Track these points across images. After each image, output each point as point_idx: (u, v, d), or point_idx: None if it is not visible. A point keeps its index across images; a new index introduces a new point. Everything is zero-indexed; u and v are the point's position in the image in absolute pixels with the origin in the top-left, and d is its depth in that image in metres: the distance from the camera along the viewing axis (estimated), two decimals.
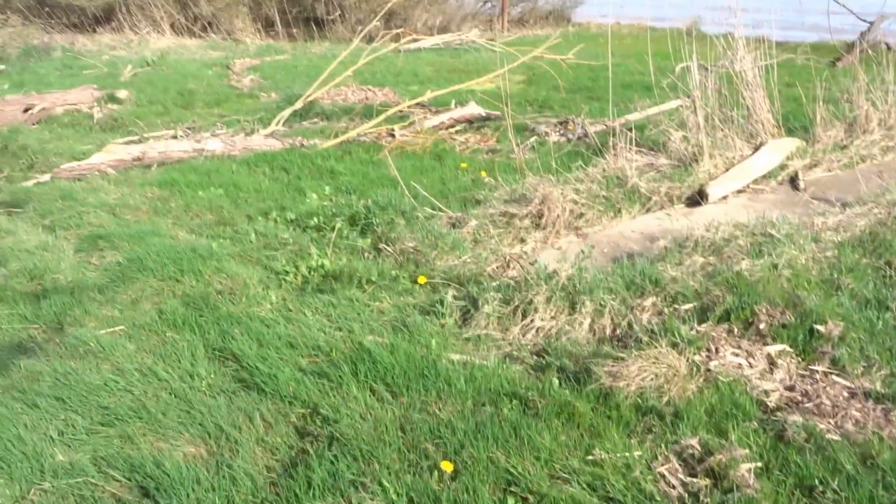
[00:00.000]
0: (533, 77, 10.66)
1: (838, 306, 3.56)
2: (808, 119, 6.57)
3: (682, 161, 5.70)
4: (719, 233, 4.32)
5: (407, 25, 16.40)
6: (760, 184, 5.59)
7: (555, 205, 4.71)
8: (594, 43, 15.40)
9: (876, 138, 6.25)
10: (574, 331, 3.47)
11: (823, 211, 4.85)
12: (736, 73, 6.25)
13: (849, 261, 4.05)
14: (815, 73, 8.24)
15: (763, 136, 5.98)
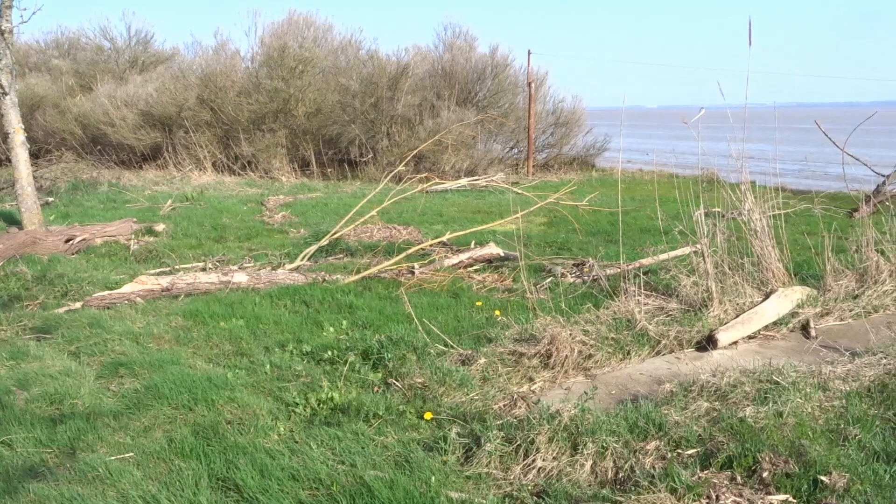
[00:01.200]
0: (554, 220, 11.01)
1: (844, 457, 3.53)
2: (820, 268, 6.69)
3: (693, 306, 5.80)
4: (725, 378, 4.35)
5: (436, 168, 17.20)
6: (771, 331, 5.64)
7: (563, 345, 4.80)
8: (615, 188, 15.92)
9: (888, 289, 6.32)
10: (575, 472, 3.47)
11: (833, 360, 4.86)
12: (744, 222, 6.45)
13: (856, 411, 4.04)
14: (829, 223, 8.46)
15: (773, 284, 6.09)
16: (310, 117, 18.40)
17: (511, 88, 20.49)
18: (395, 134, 17.99)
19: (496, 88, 20.24)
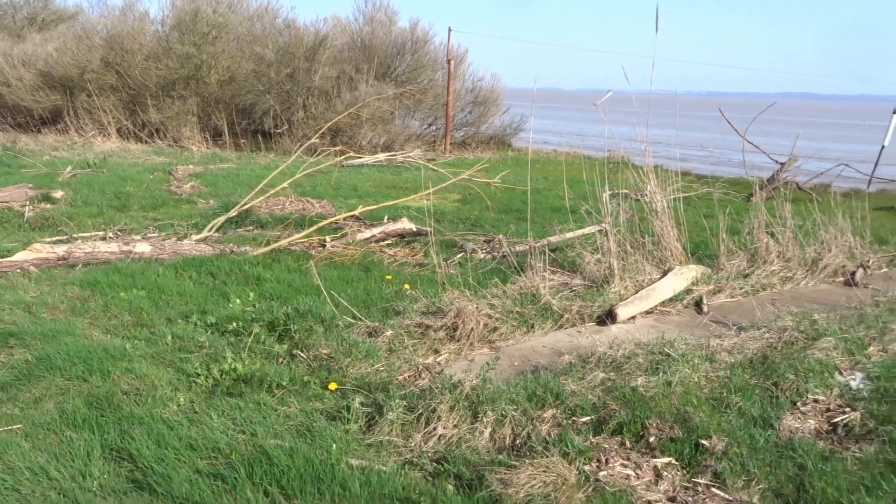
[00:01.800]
0: (469, 197, 11.12)
1: (725, 423, 3.76)
2: (715, 249, 7.03)
3: (596, 282, 6.00)
4: (621, 350, 4.55)
5: (353, 142, 17.03)
6: (668, 306, 5.91)
7: (469, 318, 4.90)
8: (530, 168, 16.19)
9: (775, 269, 6.71)
10: (474, 439, 3.57)
11: (721, 334, 5.15)
12: (647, 203, 6.71)
13: (739, 381, 4.29)
14: (727, 206, 8.88)
15: (671, 263, 6.37)
16: (223, 85, 17.86)
17: (430, 65, 20.45)
18: (312, 106, 17.69)
19: (416, 64, 20.16)
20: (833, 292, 6.54)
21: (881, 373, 4.54)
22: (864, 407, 4.12)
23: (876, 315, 5.56)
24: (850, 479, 3.32)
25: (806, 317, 5.39)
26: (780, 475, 3.35)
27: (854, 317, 5.53)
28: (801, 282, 6.73)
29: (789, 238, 7.06)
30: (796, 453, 3.53)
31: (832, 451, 3.64)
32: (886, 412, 4.04)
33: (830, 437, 3.85)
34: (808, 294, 6.47)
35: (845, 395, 4.27)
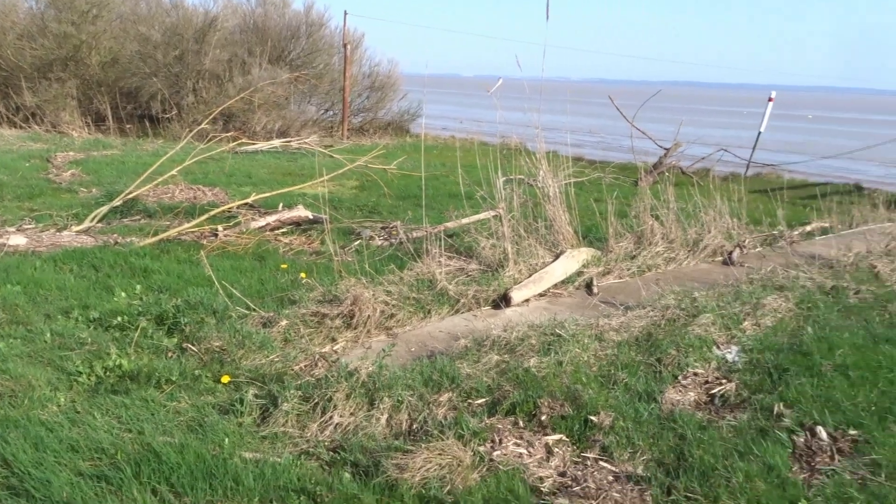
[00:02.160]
0: (366, 183, 11.05)
1: (612, 399, 3.93)
2: (604, 232, 7.29)
3: (491, 267, 6.12)
4: (515, 333, 4.66)
5: (246, 128, 16.58)
6: (560, 288, 6.09)
7: (366, 305, 4.89)
8: (428, 154, 16.26)
9: (660, 250, 7.04)
10: (371, 426, 3.58)
11: (609, 314, 5.36)
12: (539, 188, 6.88)
13: (625, 358, 4.49)
14: (616, 191, 9.22)
15: (563, 246, 6.57)
16: (105, 67, 16.97)
17: (326, 49, 20.13)
18: (203, 90, 17.07)
19: (311, 48, 19.79)
20: (712, 271, 6.92)
21: (754, 346, 4.86)
22: (739, 378, 4.40)
23: (750, 292, 5.93)
24: (726, 445, 3.55)
25: (687, 295, 5.68)
26: (662, 446, 3.54)
27: (731, 294, 5.88)
28: (684, 262, 7.09)
29: (673, 220, 7.41)
30: (677, 424, 3.73)
31: (710, 420, 3.87)
32: (758, 382, 4.33)
33: (708, 408, 4.09)
34: (690, 273, 6.82)
35: (722, 368, 4.55)
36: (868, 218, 9.43)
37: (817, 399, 4.06)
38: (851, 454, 3.57)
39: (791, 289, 6.08)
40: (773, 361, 4.58)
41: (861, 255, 7.29)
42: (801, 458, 3.52)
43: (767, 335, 5.07)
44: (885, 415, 3.91)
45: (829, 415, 3.88)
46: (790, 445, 3.59)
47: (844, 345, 4.82)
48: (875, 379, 4.34)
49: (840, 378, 4.34)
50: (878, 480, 3.31)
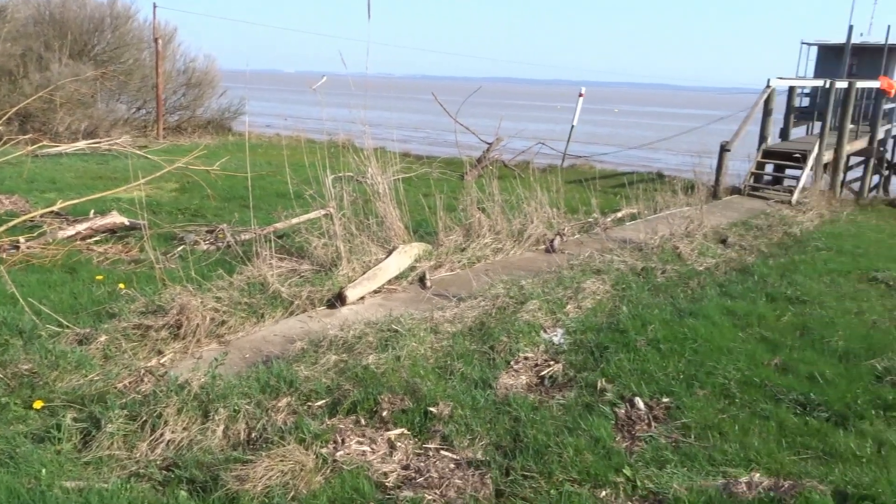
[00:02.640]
0: (187, 185, 10.53)
1: (450, 388, 4.04)
2: (434, 226, 7.45)
3: (324, 266, 6.06)
4: (352, 331, 4.66)
5: (47, 129, 15.23)
6: (394, 284, 6.15)
7: (194, 314, 4.67)
8: (253, 153, 15.78)
9: (488, 241, 7.31)
10: (207, 439, 3.44)
11: (443, 306, 5.49)
12: (369, 185, 6.90)
13: (460, 348, 4.63)
14: (444, 185, 9.44)
15: (395, 242, 6.64)
16: None
17: (136, 43, 18.91)
18: None
19: (117, 42, 18.50)
20: (537, 259, 7.29)
21: (577, 327, 5.18)
22: (566, 359, 4.68)
23: (571, 277, 6.32)
24: (556, 423, 3.76)
25: (515, 283, 5.94)
26: (499, 429, 3.69)
27: (554, 280, 6.23)
28: (511, 251, 7.41)
29: (498, 212, 7.71)
30: (512, 408, 3.90)
31: (541, 401, 4.09)
32: (582, 361, 4.64)
33: (539, 389, 4.32)
34: (517, 262, 7.14)
35: (550, 350, 4.81)
36: (670, 203, 10.33)
37: (634, 372, 4.41)
38: (665, 420, 3.92)
39: (607, 272, 6.54)
40: (595, 341, 4.92)
41: (665, 238, 7.98)
42: (623, 428, 3.81)
43: (588, 316, 5.43)
44: (691, 382, 4.33)
45: (644, 386, 4.23)
46: (613, 417, 3.88)
47: (655, 321, 5.27)
48: (682, 350, 4.78)
49: (653, 351, 4.74)
50: (688, 441, 3.66)
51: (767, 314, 5.67)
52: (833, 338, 5.16)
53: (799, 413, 4.02)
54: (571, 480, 3.23)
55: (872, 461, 3.51)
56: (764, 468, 3.41)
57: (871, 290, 6.70)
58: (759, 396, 4.19)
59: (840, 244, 8.69)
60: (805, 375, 4.49)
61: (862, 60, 20.31)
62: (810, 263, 7.50)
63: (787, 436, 3.75)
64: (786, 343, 5.09)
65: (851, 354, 4.88)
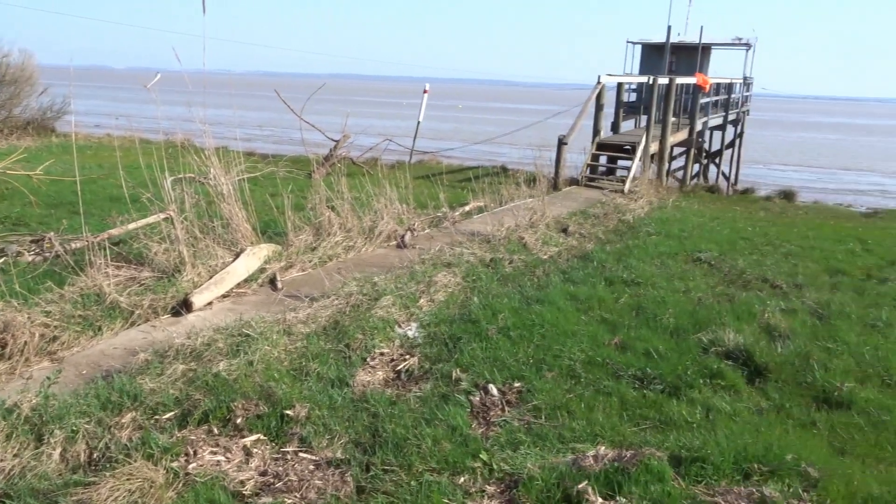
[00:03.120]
0: (6, 192, 9.66)
1: (306, 390, 3.99)
2: (283, 226, 7.29)
3: (167, 273, 5.77)
4: (200, 338, 4.48)
5: None
6: (244, 287, 5.97)
7: (21, 331, 4.31)
8: (81, 155, 14.75)
9: (339, 239, 7.26)
10: (42, 465, 3.19)
11: (295, 307, 5.40)
12: (212, 186, 6.64)
13: (315, 348, 4.58)
14: (291, 184, 9.26)
15: (243, 244, 6.44)
16: None
17: None
18: None
19: None
20: (389, 255, 7.33)
21: (431, 320, 5.27)
22: (421, 352, 4.75)
23: (423, 271, 6.41)
24: (414, 415, 3.81)
25: (368, 280, 5.95)
26: (357, 426, 3.69)
27: (406, 275, 6.29)
28: (362, 249, 7.40)
29: (348, 210, 7.68)
30: (370, 404, 3.92)
31: (398, 395, 4.13)
32: (437, 353, 4.73)
33: (396, 384, 4.36)
34: (369, 259, 7.14)
35: (405, 345, 4.87)
36: (514, 195, 10.73)
37: (487, 360, 4.55)
38: (518, 404, 4.08)
39: (458, 265, 6.70)
40: (448, 332, 5.03)
41: (511, 229, 8.28)
42: (479, 415, 3.93)
43: (441, 309, 5.54)
44: (540, 365, 4.53)
45: (497, 373, 4.38)
46: (468, 405, 3.98)
47: (504, 309, 5.46)
48: (531, 336, 4.99)
49: (504, 339, 4.91)
50: (540, 422, 3.84)
51: (606, 297, 6.03)
52: (665, 315, 5.58)
53: (637, 387, 4.32)
54: (431, 470, 3.29)
55: (702, 426, 3.84)
56: (608, 441, 3.63)
57: (695, 269, 7.31)
58: (601, 375, 4.45)
59: (668, 229, 9.40)
60: (642, 352, 4.83)
61: (680, 58, 22.07)
62: (643, 248, 8.06)
63: (627, 409, 4.03)
64: (624, 323, 5.44)
65: (681, 330, 5.30)
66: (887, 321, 5.79)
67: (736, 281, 6.97)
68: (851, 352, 5.02)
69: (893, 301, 6.44)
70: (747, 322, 5.53)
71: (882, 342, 5.26)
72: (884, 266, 8.04)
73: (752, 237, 9.36)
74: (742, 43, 22.28)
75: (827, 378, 4.51)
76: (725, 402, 4.14)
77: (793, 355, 4.86)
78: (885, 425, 3.99)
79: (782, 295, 6.50)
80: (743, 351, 4.81)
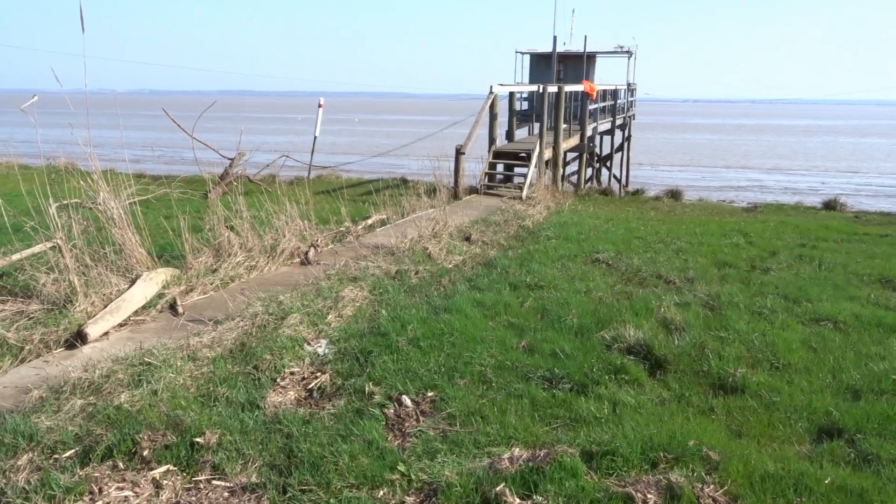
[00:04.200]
0: None
1: (215, 415, 3.88)
2: (181, 249, 7.06)
3: (57, 304, 5.48)
4: (98, 371, 4.28)
5: None
6: (142, 315, 5.74)
7: None
8: None
9: (240, 259, 7.09)
10: None
11: (199, 331, 5.24)
12: (101, 211, 6.36)
13: (223, 372, 4.46)
14: (187, 205, 8.98)
15: (138, 270, 6.19)
16: None
17: None
18: None
19: None
20: (293, 273, 7.22)
21: (340, 336, 5.24)
22: (332, 368, 4.71)
23: (329, 287, 6.36)
24: (329, 433, 3.78)
25: (273, 300, 5.85)
26: (271, 449, 3.63)
27: (313, 292, 6.22)
28: (265, 268, 7.26)
29: (248, 229, 7.52)
30: (282, 424, 3.86)
31: (312, 413, 4.08)
32: (349, 368, 4.70)
33: (309, 402, 4.31)
34: (273, 278, 7.02)
35: (316, 362, 4.81)
36: (416, 206, 10.79)
37: (399, 372, 4.57)
38: (432, 413, 4.11)
39: (364, 278, 6.68)
40: (359, 347, 5.01)
41: (415, 240, 8.33)
42: (394, 427, 3.93)
43: (350, 324, 5.52)
44: (452, 373, 4.59)
45: (410, 384, 4.40)
46: (383, 418, 3.99)
47: (413, 320, 5.49)
48: (441, 344, 5.04)
49: (414, 350, 4.94)
50: (455, 429, 3.88)
51: (512, 302, 6.17)
52: (568, 316, 5.76)
53: (547, 388, 4.44)
54: (349, 486, 3.28)
55: (610, 420, 3.99)
56: (522, 442, 3.72)
57: (595, 270, 7.58)
58: (512, 378, 4.55)
59: (566, 232, 9.70)
60: (549, 353, 4.97)
61: (568, 67, 22.86)
62: (543, 252, 8.29)
63: (538, 410, 4.13)
64: (530, 326, 5.58)
65: (584, 329, 5.49)
66: (772, 308, 6.20)
67: (633, 279, 7.27)
68: (742, 339, 5.34)
69: (776, 289, 6.89)
70: (645, 317, 5.78)
71: (768, 328, 5.62)
72: (766, 257, 8.59)
73: (645, 236, 9.79)
74: (623, 51, 23.30)
75: (721, 366, 4.78)
76: (630, 395, 4.32)
77: (689, 346, 5.12)
78: (776, 406, 4.27)
79: (676, 289, 6.84)
80: (643, 345, 5.02)
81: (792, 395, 4.39)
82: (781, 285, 7.04)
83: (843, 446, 3.79)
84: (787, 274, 7.61)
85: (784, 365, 4.91)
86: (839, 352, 5.18)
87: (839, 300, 6.53)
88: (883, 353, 5.17)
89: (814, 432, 4.00)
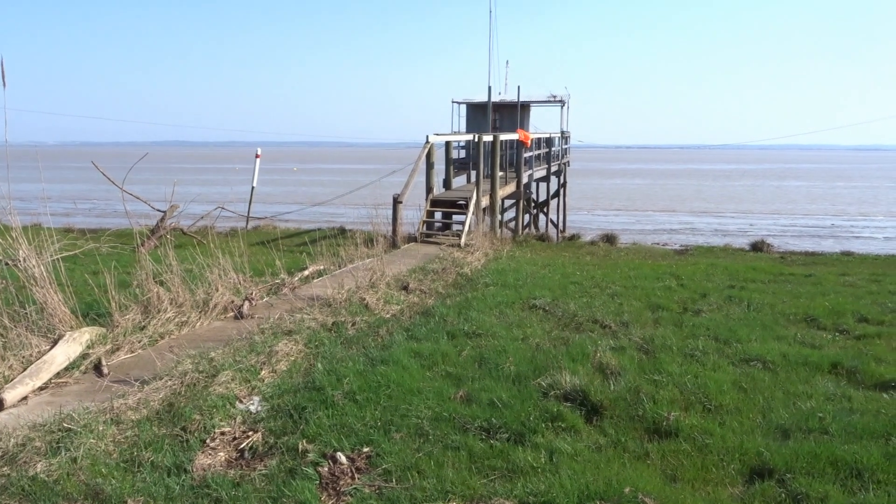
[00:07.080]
0: None
1: (140, 482, 3.71)
2: (107, 306, 6.82)
3: None
4: (13, 439, 4.05)
5: None
6: (64, 377, 5.49)
7: None
8: None
9: (170, 315, 6.88)
10: None
11: (124, 392, 5.02)
12: (21, 269, 6.12)
13: (148, 435, 4.28)
14: (116, 260, 8.72)
15: (61, 330, 5.95)
16: None
17: None
18: None
19: None
20: (226, 328, 7.04)
21: (273, 392, 5.11)
22: (265, 426, 4.57)
23: (263, 341, 6.21)
24: (260, 495, 3.65)
25: (204, 357, 5.67)
26: None
27: (246, 347, 6.07)
28: (197, 323, 7.06)
29: (179, 284, 7.32)
30: (211, 489, 3.70)
31: (242, 475, 3.93)
32: (282, 426, 4.57)
33: (240, 463, 4.15)
34: (205, 334, 6.82)
35: (248, 421, 4.67)
36: (353, 256, 10.72)
37: (334, 428, 4.46)
38: (368, 469, 4.01)
39: (299, 331, 6.56)
40: (293, 402, 4.88)
41: (352, 291, 8.25)
42: (328, 486, 3.82)
43: (284, 379, 5.38)
44: (388, 427, 4.50)
45: (345, 439, 4.30)
46: (317, 477, 3.87)
47: (349, 373, 5.40)
48: (377, 398, 4.95)
49: (350, 404, 4.84)
50: (390, 486, 3.79)
51: (450, 351, 6.13)
52: (506, 364, 5.75)
53: (484, 438, 4.39)
54: None
55: (547, 469, 3.96)
56: (459, 496, 3.66)
57: (532, 316, 7.63)
58: (449, 430, 4.50)
59: (504, 279, 9.76)
60: (486, 402, 4.93)
61: (503, 115, 23.35)
62: (482, 299, 8.31)
63: (476, 461, 4.08)
64: (468, 375, 5.55)
65: (522, 376, 5.48)
66: (703, 350, 6.32)
67: (569, 324, 7.34)
68: (675, 382, 5.41)
69: (707, 331, 7.05)
70: (582, 363, 5.82)
71: (700, 370, 5.72)
72: (697, 299, 8.81)
73: (581, 281, 9.94)
74: (556, 100, 23.97)
75: (655, 409, 4.82)
76: (567, 442, 4.31)
77: (624, 391, 5.16)
78: (709, 448, 4.32)
79: (611, 334, 6.92)
80: (579, 391, 5.04)
81: (724, 437, 4.45)
82: (712, 327, 7.21)
83: (773, 486, 3.85)
84: (718, 315, 7.80)
85: (716, 406, 4.99)
86: (768, 392, 5.31)
87: (767, 340, 6.72)
88: (810, 391, 5.31)
89: (746, 473, 4.06)
